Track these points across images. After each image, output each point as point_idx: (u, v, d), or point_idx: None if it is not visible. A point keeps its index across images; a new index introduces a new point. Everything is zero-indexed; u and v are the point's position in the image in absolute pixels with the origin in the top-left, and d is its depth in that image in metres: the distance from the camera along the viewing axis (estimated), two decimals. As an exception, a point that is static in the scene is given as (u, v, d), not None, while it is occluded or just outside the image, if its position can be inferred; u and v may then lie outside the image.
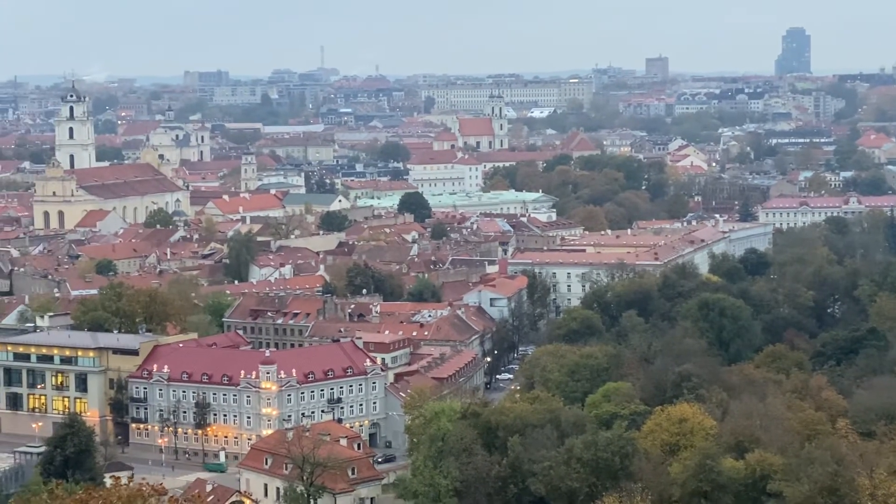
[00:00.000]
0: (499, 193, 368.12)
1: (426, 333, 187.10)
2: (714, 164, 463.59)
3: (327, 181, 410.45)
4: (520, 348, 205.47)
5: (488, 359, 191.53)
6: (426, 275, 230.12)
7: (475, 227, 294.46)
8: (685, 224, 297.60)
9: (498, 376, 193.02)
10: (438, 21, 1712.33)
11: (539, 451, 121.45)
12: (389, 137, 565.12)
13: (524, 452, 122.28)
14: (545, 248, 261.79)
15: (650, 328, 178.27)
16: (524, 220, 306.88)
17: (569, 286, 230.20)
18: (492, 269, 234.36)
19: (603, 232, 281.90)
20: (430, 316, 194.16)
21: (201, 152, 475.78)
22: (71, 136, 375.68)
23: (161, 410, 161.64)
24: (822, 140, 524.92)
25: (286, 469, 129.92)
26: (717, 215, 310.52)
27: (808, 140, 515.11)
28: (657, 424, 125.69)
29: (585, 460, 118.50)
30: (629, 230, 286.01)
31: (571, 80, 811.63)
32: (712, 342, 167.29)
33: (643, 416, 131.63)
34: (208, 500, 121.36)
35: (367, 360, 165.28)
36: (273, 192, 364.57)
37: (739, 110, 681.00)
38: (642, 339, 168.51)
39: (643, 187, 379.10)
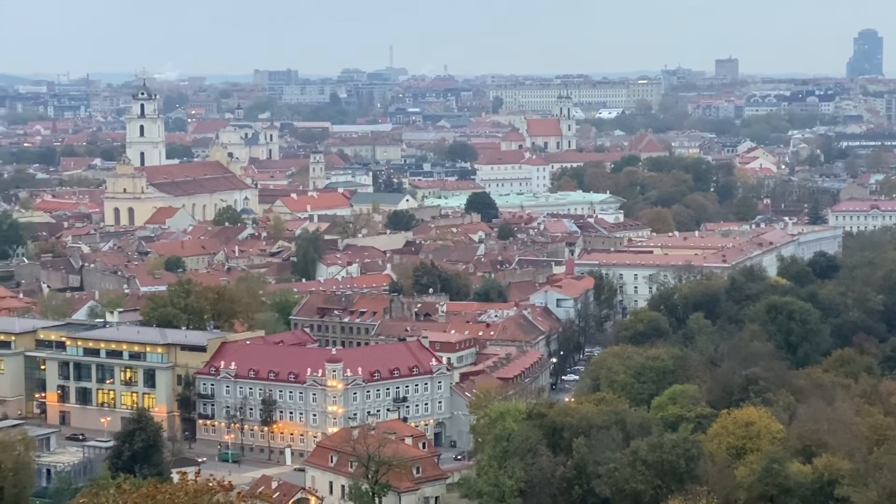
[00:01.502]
0: (566, 194, 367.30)
1: (492, 333, 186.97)
2: (783, 167, 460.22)
3: (395, 180, 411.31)
4: (586, 349, 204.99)
5: (554, 359, 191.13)
6: (493, 275, 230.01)
7: (542, 227, 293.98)
8: (753, 226, 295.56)
9: (563, 377, 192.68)
10: (507, 21, 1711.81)
11: (604, 452, 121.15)
12: (457, 137, 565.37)
13: (589, 454, 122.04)
14: (612, 249, 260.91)
15: (717, 331, 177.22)
16: (591, 220, 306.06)
17: (635, 287, 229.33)
18: (558, 270, 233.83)
19: (670, 233, 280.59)
20: (496, 316, 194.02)
21: (270, 151, 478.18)
22: (142, 134, 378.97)
23: (228, 407, 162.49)
24: (894, 143, 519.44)
25: (351, 467, 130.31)
26: (786, 218, 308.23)
27: (879, 143, 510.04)
28: (723, 427, 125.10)
29: (650, 462, 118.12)
30: (697, 232, 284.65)
31: (640, 81, 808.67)
32: (780, 345, 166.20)
33: (709, 419, 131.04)
34: (274, 496, 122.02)
35: (433, 359, 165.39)
36: (341, 190, 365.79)
37: (810, 112, 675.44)
38: (709, 342, 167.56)
39: (711, 189, 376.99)
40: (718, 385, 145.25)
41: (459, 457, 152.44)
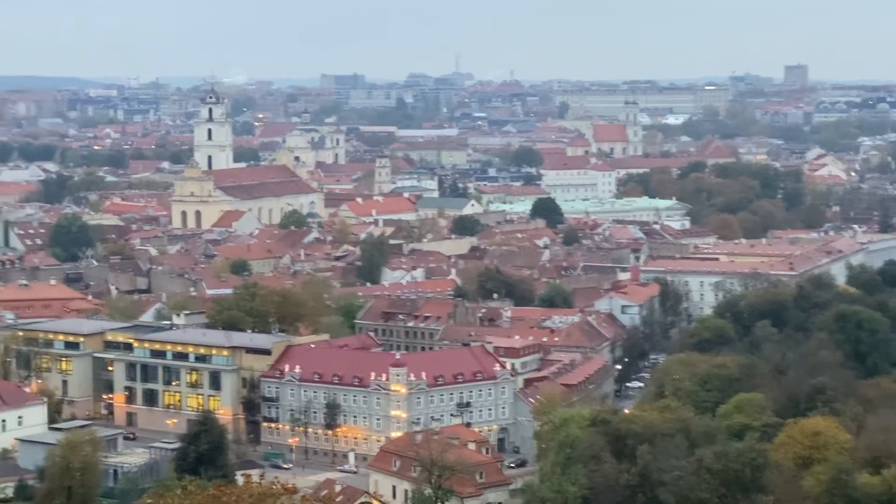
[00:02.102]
0: (632, 200, 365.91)
1: (556, 339, 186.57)
2: (853, 174, 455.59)
3: (460, 185, 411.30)
4: (650, 356, 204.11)
5: (618, 366, 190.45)
6: (557, 280, 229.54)
7: (607, 233, 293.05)
8: (822, 234, 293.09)
9: (628, 384, 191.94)
10: (574, 26, 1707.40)
11: (669, 460, 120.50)
12: (523, 142, 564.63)
13: (654, 461, 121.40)
14: (678, 255, 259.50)
15: (784, 339, 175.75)
16: (657, 227, 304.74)
17: (701, 295, 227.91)
18: (623, 276, 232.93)
19: (737, 241, 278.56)
20: (560, 322, 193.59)
21: (336, 155, 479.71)
22: (209, 138, 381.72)
23: (292, 410, 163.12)
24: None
25: (414, 472, 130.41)
26: (856, 226, 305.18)
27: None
28: (790, 437, 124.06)
29: (716, 471, 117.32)
30: (764, 239, 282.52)
31: (707, 87, 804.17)
32: (848, 355, 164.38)
33: (775, 428, 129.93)
34: (337, 500, 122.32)
35: (497, 364, 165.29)
36: (406, 195, 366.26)
37: (880, 119, 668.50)
38: (776, 350, 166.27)
39: (779, 196, 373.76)
40: (785, 394, 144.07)
41: (512, 464, 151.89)
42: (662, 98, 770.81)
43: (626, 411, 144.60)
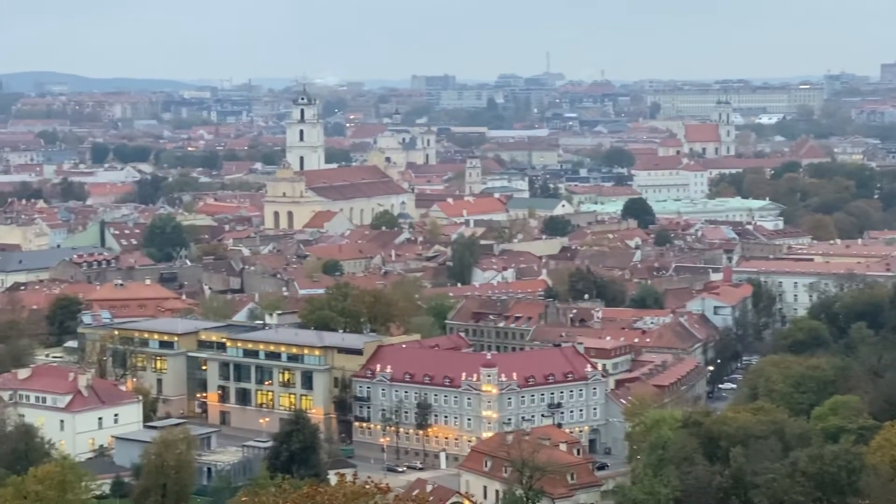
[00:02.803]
0: (724, 200, 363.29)
1: (648, 340, 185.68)
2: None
3: (551, 186, 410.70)
4: (743, 358, 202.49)
5: (711, 367, 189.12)
6: (649, 281, 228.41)
7: (699, 234, 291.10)
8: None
9: (720, 385, 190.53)
10: (665, 26, 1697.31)
11: (762, 462, 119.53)
12: (614, 143, 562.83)
13: (747, 464, 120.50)
14: (771, 256, 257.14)
15: (880, 341, 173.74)
16: (750, 227, 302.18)
17: (795, 296, 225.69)
18: (716, 277, 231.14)
19: (832, 241, 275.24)
20: (652, 323, 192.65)
21: (427, 155, 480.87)
22: (301, 139, 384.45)
23: (384, 410, 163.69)
24: None
25: (506, 472, 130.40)
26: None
27: None
28: (887, 440, 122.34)
29: (811, 474, 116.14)
30: (860, 240, 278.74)
31: (802, 87, 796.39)
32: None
33: (872, 431, 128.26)
34: (429, 499, 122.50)
35: (588, 365, 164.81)
36: (497, 195, 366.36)
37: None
38: (872, 352, 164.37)
39: (875, 196, 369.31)
40: (882, 396, 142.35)
41: (598, 465, 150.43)
42: (756, 97, 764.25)
43: (719, 413, 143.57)
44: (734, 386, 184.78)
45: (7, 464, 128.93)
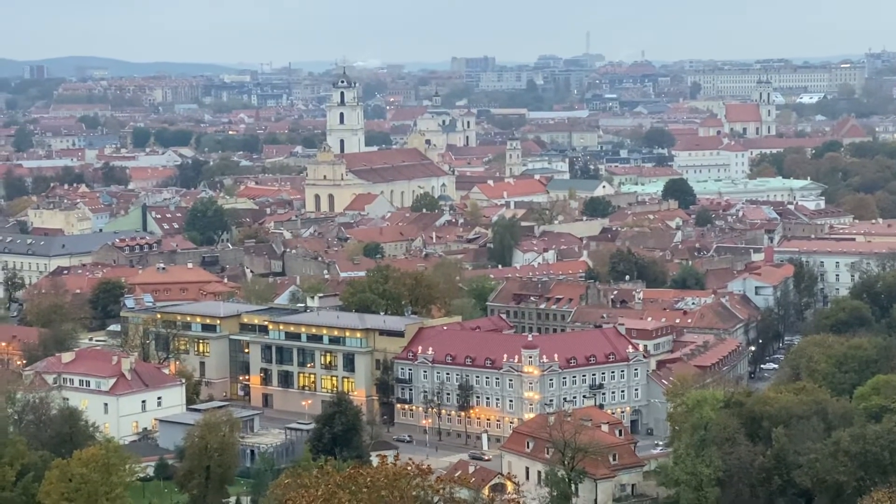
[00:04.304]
0: (765, 180, 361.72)
1: (689, 321, 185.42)
2: None
3: (591, 167, 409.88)
4: (785, 338, 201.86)
5: (752, 348, 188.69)
6: (690, 262, 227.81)
7: (740, 214, 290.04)
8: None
9: (762, 366, 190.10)
10: (705, 6, 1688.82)
11: (805, 442, 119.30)
12: (654, 123, 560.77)
13: (789, 444, 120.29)
14: (813, 236, 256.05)
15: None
16: (791, 207, 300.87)
17: (837, 275, 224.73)
18: (757, 257, 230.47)
19: (874, 220, 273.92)
20: (693, 303, 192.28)
21: (467, 137, 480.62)
22: (342, 122, 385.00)
23: (425, 392, 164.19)
24: None
25: (548, 453, 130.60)
26: None
27: None
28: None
29: (853, 454, 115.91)
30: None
31: (843, 66, 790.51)
32: None
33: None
34: (471, 481, 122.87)
35: (630, 346, 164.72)
36: (537, 177, 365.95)
37: None
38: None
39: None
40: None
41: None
42: (796, 77, 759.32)
43: (761, 393, 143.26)
44: (776, 366, 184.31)
45: (52, 447, 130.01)
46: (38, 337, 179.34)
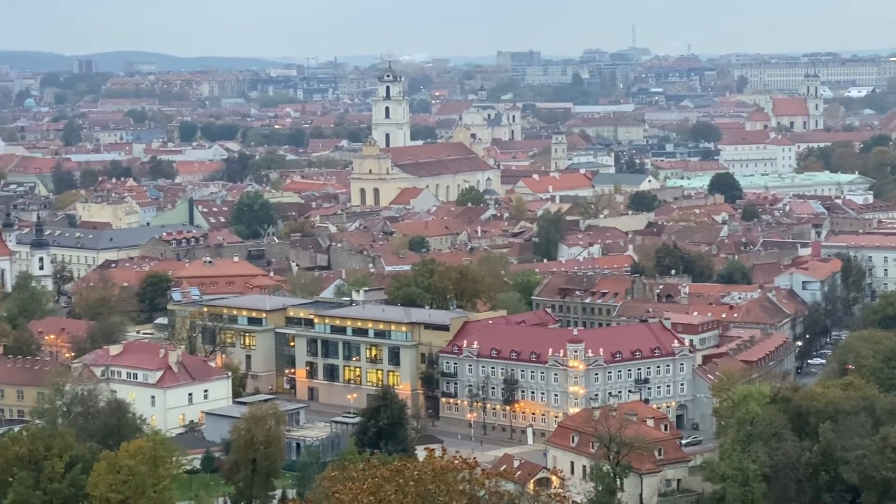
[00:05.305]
0: (813, 175, 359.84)
1: (735, 316, 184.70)
2: None
3: (637, 161, 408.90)
4: (832, 333, 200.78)
5: (799, 343, 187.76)
6: (736, 256, 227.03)
7: (787, 208, 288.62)
8: None
9: (809, 361, 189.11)
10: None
11: (852, 438, 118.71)
12: (700, 117, 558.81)
13: (836, 439, 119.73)
14: (861, 230, 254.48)
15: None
16: (839, 202, 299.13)
17: (885, 270, 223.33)
18: (804, 252, 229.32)
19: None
20: (739, 298, 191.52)
21: (512, 131, 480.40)
22: (387, 116, 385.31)
23: (470, 386, 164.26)
24: None
25: (593, 448, 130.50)
26: None
27: None
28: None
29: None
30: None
31: (891, 59, 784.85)
32: None
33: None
34: (516, 475, 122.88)
35: (675, 341, 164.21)
36: (583, 171, 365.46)
37: None
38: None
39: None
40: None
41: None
42: (844, 70, 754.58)
43: (808, 388, 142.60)
44: (823, 361, 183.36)
45: (99, 439, 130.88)
46: (87, 330, 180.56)
